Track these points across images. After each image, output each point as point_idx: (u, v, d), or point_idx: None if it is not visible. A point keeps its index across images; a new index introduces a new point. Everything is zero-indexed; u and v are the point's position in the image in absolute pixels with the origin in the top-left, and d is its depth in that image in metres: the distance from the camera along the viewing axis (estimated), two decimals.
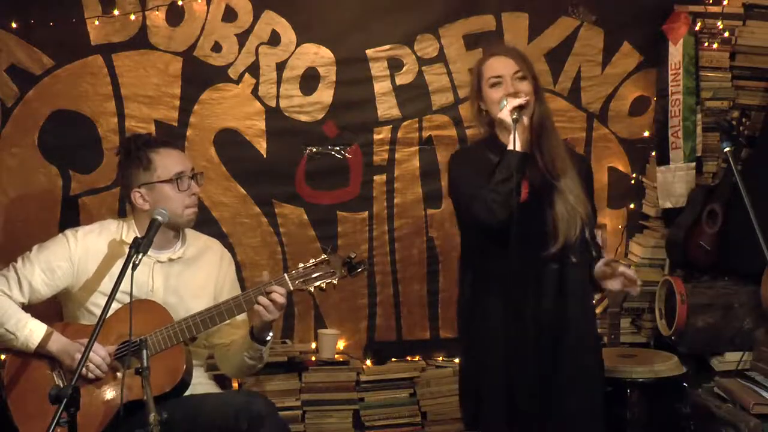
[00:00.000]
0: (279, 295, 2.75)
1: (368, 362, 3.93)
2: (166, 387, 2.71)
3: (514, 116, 2.67)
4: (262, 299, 2.74)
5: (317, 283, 2.78)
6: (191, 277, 2.96)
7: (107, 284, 2.79)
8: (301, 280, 2.78)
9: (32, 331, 2.74)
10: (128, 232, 2.90)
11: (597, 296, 4.00)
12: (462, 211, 2.91)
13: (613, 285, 2.76)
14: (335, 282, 2.79)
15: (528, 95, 2.75)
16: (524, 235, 2.70)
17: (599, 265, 2.79)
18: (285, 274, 2.79)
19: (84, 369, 2.67)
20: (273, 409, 2.78)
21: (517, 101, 2.70)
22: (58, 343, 2.74)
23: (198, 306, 2.89)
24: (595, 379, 2.89)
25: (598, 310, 4.01)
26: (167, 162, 2.88)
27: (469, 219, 2.83)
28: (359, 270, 2.83)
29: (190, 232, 3.02)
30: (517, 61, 2.80)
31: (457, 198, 2.92)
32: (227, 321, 2.83)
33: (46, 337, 2.74)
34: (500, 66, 2.80)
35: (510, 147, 2.69)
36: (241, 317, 2.92)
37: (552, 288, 2.80)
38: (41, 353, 2.75)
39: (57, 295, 2.92)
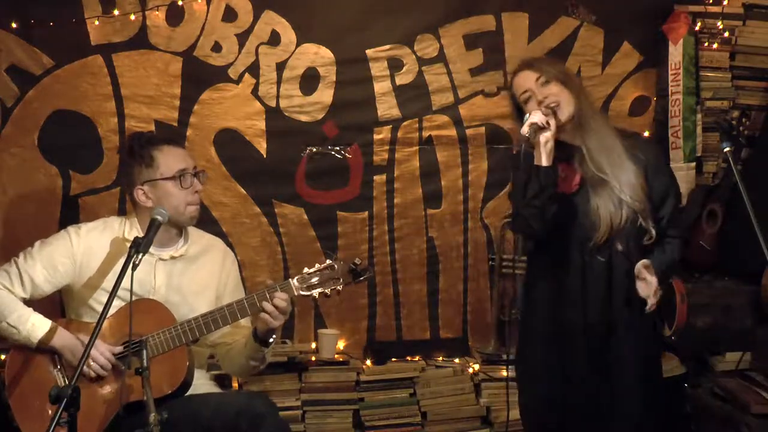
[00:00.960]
0: (284, 301, 2.75)
1: (368, 362, 3.93)
2: (169, 388, 2.71)
3: (526, 133, 2.67)
4: (267, 306, 2.74)
5: (322, 289, 2.78)
6: (194, 275, 2.96)
7: (110, 282, 2.79)
8: (306, 285, 2.79)
9: (35, 325, 2.74)
10: (131, 229, 2.91)
11: None
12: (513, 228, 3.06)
13: (640, 288, 2.72)
14: (340, 288, 2.79)
15: (557, 96, 2.73)
16: (572, 226, 2.76)
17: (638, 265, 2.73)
18: (290, 280, 2.79)
19: (86, 368, 2.68)
20: (273, 409, 2.78)
21: (534, 119, 2.69)
22: (62, 338, 2.75)
23: (200, 304, 2.89)
24: (649, 368, 2.83)
25: None
26: (170, 159, 2.88)
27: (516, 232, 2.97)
28: (364, 277, 2.83)
29: (192, 230, 3.02)
30: (535, 69, 2.79)
31: (512, 212, 2.96)
32: (231, 324, 2.84)
33: (49, 332, 2.74)
34: (522, 81, 2.80)
35: (536, 162, 2.70)
36: (245, 319, 2.92)
37: (599, 279, 2.78)
38: (43, 349, 2.75)
39: (60, 292, 2.92)
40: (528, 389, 2.94)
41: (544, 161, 2.69)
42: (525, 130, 2.68)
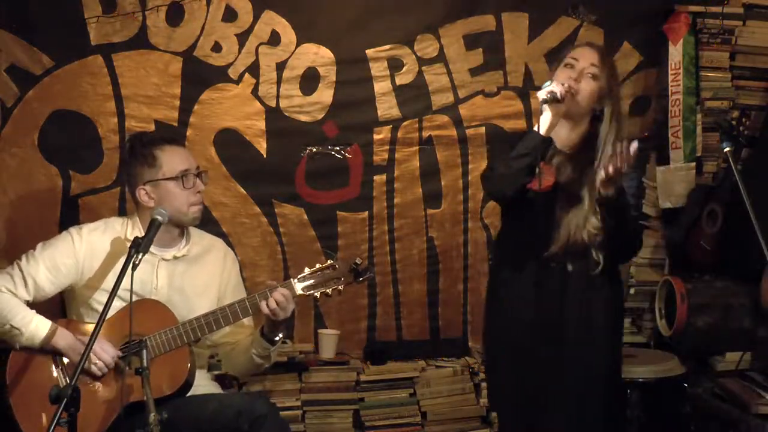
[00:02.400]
0: (282, 296, 2.75)
1: (368, 362, 3.93)
2: (171, 389, 2.71)
3: (547, 97, 2.64)
4: (270, 302, 2.75)
5: (323, 289, 2.79)
6: (195, 276, 2.96)
7: (111, 282, 2.79)
8: (307, 285, 2.79)
9: (38, 326, 2.75)
10: (132, 230, 2.91)
11: None
12: (482, 184, 2.98)
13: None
14: (341, 288, 2.79)
15: (584, 95, 2.72)
16: (533, 229, 2.75)
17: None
18: (291, 280, 2.80)
19: (89, 364, 2.68)
20: (274, 409, 2.79)
21: (555, 88, 2.65)
22: (64, 339, 2.75)
23: (202, 304, 2.90)
24: (596, 384, 2.82)
25: None
26: (172, 159, 2.89)
27: (485, 191, 2.94)
28: (365, 277, 2.83)
29: (194, 231, 3.03)
30: (601, 60, 2.76)
31: (483, 172, 2.96)
32: (233, 324, 2.84)
33: (51, 333, 2.75)
34: (583, 53, 2.78)
35: (535, 128, 2.68)
36: (247, 318, 2.92)
37: (553, 287, 2.79)
38: (46, 349, 2.76)
39: (61, 293, 2.92)
40: (492, 381, 3.00)
41: (543, 130, 2.67)
42: (544, 93, 2.65)
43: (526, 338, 2.79)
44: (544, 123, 2.67)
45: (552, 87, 2.66)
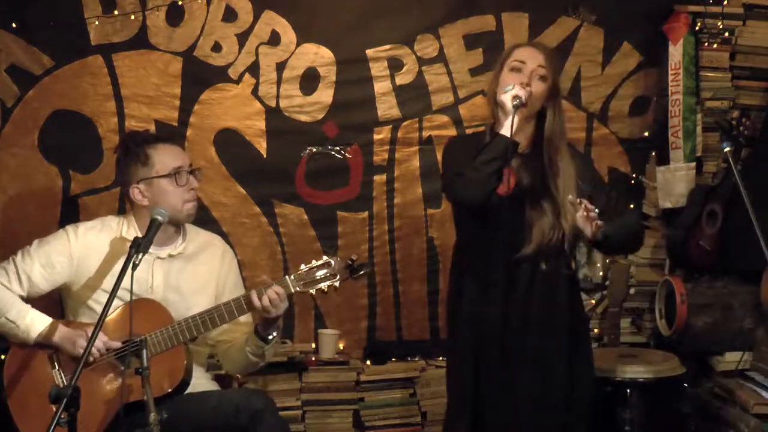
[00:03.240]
0: (276, 294, 2.75)
1: (368, 362, 3.93)
2: (168, 387, 2.71)
3: (515, 103, 2.67)
4: (264, 299, 2.75)
5: (319, 286, 2.78)
6: (192, 274, 2.96)
7: (108, 281, 2.80)
8: (303, 282, 2.79)
9: (33, 320, 2.76)
10: (128, 229, 2.91)
11: (596, 297, 4.01)
12: (446, 191, 2.95)
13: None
14: (337, 285, 2.79)
15: (536, 96, 2.75)
16: (501, 233, 2.74)
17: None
18: (287, 276, 2.80)
19: (81, 350, 2.67)
20: (273, 405, 2.79)
21: (521, 92, 2.69)
22: (61, 332, 2.76)
23: (199, 302, 2.90)
24: (558, 388, 2.84)
25: (598, 310, 4.01)
26: (165, 157, 2.89)
27: (450, 198, 2.88)
28: (361, 273, 2.83)
29: (190, 228, 3.02)
30: (546, 59, 2.79)
31: (444, 179, 2.95)
32: (228, 322, 2.84)
33: (48, 327, 2.75)
34: (528, 55, 2.80)
35: (502, 131, 2.71)
36: (245, 316, 2.92)
37: (521, 290, 2.81)
38: (42, 347, 2.76)
39: (58, 292, 2.92)
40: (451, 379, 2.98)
41: (510, 133, 2.69)
42: (508, 98, 2.68)
43: (491, 336, 2.80)
44: (512, 127, 2.70)
45: (516, 91, 2.70)
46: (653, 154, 4.11)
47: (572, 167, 2.81)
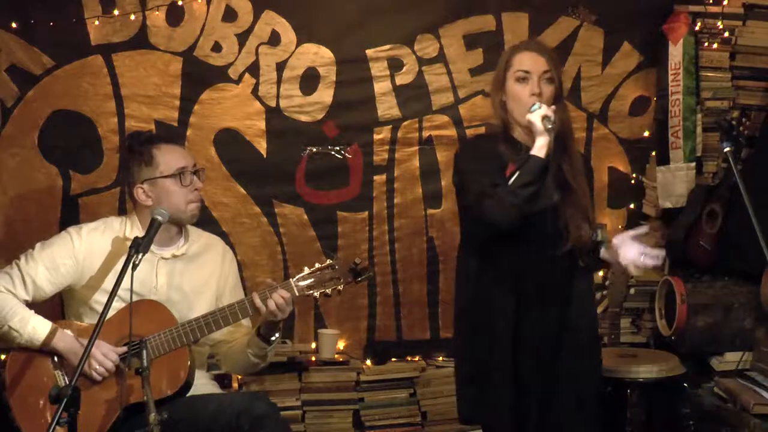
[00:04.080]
0: (281, 298, 2.75)
1: (368, 362, 3.93)
2: (171, 389, 2.71)
3: (548, 126, 2.65)
4: (269, 302, 2.75)
5: (322, 289, 2.78)
6: (195, 274, 2.96)
7: (110, 282, 2.79)
8: (306, 285, 2.79)
9: (35, 328, 2.74)
10: (131, 229, 2.91)
11: (597, 296, 4.01)
12: (469, 206, 2.86)
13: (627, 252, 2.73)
14: (340, 288, 2.79)
15: (548, 99, 2.74)
16: (536, 233, 2.75)
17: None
18: (290, 280, 2.80)
19: (89, 370, 2.68)
20: (275, 410, 2.79)
21: (549, 110, 2.68)
22: (64, 341, 2.75)
23: (201, 303, 2.90)
24: (591, 380, 2.88)
25: (599, 310, 4.01)
26: (169, 157, 2.89)
27: (477, 215, 2.77)
28: (364, 276, 2.83)
29: (192, 229, 3.03)
30: (549, 62, 2.77)
31: (466, 192, 2.86)
32: (232, 324, 2.84)
33: (51, 334, 2.74)
34: (530, 62, 2.76)
35: (534, 152, 2.68)
36: (246, 318, 2.92)
37: (559, 288, 2.80)
38: (46, 350, 2.75)
39: (60, 293, 2.92)
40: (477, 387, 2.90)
41: (544, 154, 2.67)
42: (537, 119, 2.66)
43: (521, 331, 2.79)
44: (547, 147, 2.67)
45: (544, 111, 2.68)
46: (653, 154, 4.12)
47: (582, 165, 2.86)
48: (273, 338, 2.87)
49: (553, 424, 2.80)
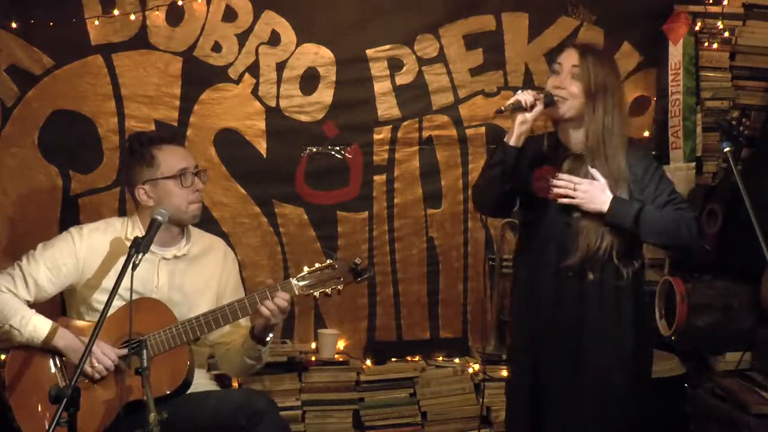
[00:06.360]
0: (284, 300, 2.75)
1: (368, 362, 3.93)
2: (170, 387, 2.71)
3: (507, 107, 2.67)
4: (269, 304, 2.75)
5: (323, 289, 2.79)
6: (196, 275, 2.97)
7: (111, 281, 2.78)
8: (307, 284, 2.79)
9: (36, 327, 2.75)
10: (133, 229, 2.92)
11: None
12: None
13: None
14: (340, 288, 2.79)
15: (574, 96, 2.69)
16: (549, 237, 2.74)
17: None
18: (291, 279, 2.80)
19: (90, 369, 2.68)
20: (273, 406, 2.80)
21: (520, 97, 2.67)
22: (64, 339, 2.75)
23: (202, 303, 2.90)
24: (615, 397, 2.75)
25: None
26: (170, 158, 2.89)
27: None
28: (365, 276, 2.83)
29: (194, 230, 3.03)
30: (582, 58, 2.71)
31: None
32: (231, 323, 2.84)
33: (51, 333, 2.75)
34: (565, 56, 2.76)
35: (506, 138, 2.70)
36: (245, 319, 2.92)
37: (570, 299, 2.75)
38: (47, 349, 2.75)
39: (61, 293, 2.92)
40: (510, 385, 2.99)
41: (513, 140, 2.69)
42: (507, 103, 2.68)
43: (543, 343, 2.78)
44: (514, 134, 2.69)
45: (517, 96, 2.69)
46: (653, 154, 4.11)
47: (623, 169, 2.70)
48: (267, 339, 2.88)
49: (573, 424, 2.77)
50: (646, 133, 4.14)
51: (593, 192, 2.67)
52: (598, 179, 2.68)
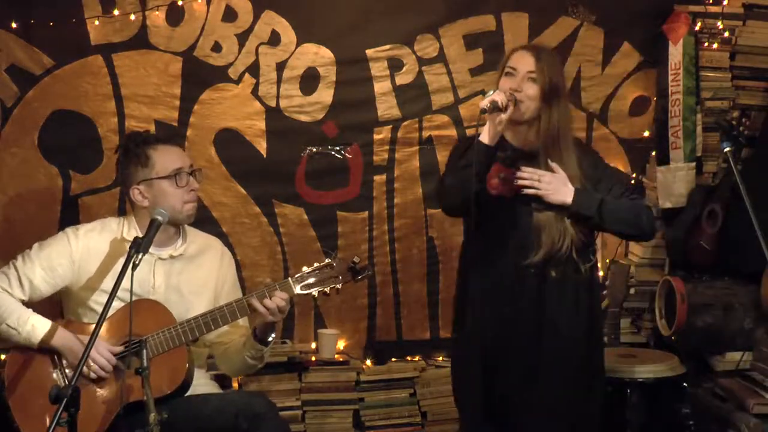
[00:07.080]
0: (283, 300, 2.75)
1: (368, 362, 3.93)
2: (169, 388, 2.71)
3: (485, 106, 2.69)
4: (268, 302, 2.75)
5: (321, 288, 2.79)
6: (192, 275, 2.96)
7: (109, 282, 2.79)
8: (305, 284, 2.79)
9: (34, 326, 2.74)
10: (129, 230, 2.91)
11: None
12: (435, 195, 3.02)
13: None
14: (339, 287, 2.79)
15: (530, 98, 2.76)
16: (507, 236, 2.76)
17: None
18: (289, 279, 2.80)
19: (87, 369, 2.68)
20: (273, 409, 2.79)
21: (497, 97, 2.70)
22: (63, 338, 2.75)
23: (199, 303, 2.90)
24: (577, 390, 2.85)
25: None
26: (165, 158, 2.89)
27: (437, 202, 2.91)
28: (363, 275, 2.83)
29: (190, 230, 3.03)
30: (538, 62, 2.78)
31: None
32: (230, 323, 2.84)
33: (50, 333, 2.74)
34: (519, 60, 2.82)
35: (481, 137, 2.73)
36: (243, 319, 2.92)
37: (529, 296, 2.80)
38: (45, 348, 2.75)
39: (58, 293, 2.92)
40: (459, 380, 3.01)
41: (488, 139, 2.72)
42: (485, 103, 2.70)
43: (500, 342, 2.81)
44: (490, 133, 2.73)
45: (493, 96, 2.71)
46: (653, 154, 4.12)
47: (576, 167, 2.80)
48: (269, 339, 2.88)
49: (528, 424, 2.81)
50: (646, 133, 4.14)
51: (557, 184, 2.75)
52: (559, 172, 2.75)
